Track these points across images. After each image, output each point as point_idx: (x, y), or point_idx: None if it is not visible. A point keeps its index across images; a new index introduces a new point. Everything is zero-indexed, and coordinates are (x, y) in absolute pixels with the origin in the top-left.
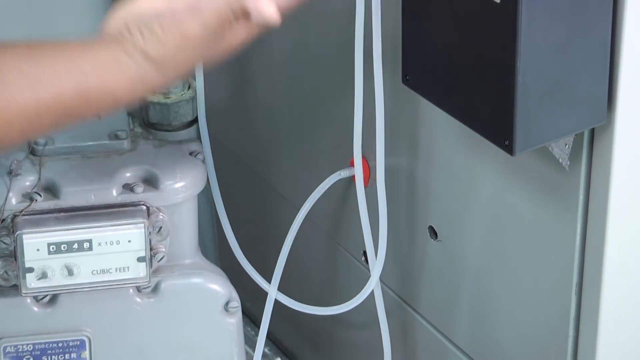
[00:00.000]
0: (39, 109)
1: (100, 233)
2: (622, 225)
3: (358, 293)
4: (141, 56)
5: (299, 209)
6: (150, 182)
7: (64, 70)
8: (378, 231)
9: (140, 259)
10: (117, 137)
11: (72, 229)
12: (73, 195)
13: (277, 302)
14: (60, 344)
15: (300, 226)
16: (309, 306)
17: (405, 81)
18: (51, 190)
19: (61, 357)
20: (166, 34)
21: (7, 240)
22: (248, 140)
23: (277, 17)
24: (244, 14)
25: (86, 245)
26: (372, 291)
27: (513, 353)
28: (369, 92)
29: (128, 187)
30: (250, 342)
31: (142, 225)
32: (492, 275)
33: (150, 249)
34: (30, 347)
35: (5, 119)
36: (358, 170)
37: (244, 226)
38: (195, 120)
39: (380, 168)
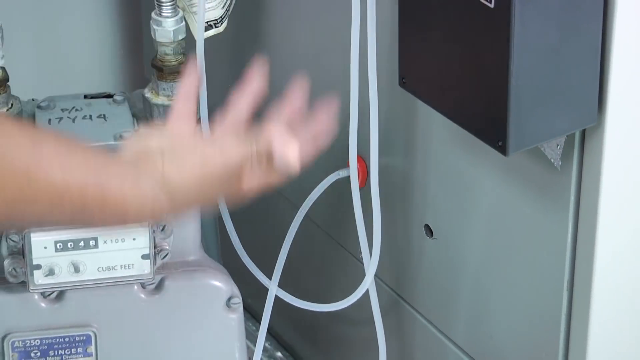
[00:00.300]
0: (63, 191)
1: (106, 231)
2: (612, 224)
3: (356, 289)
4: (159, 180)
5: (298, 208)
6: None
7: (92, 167)
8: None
9: (144, 257)
10: (122, 137)
11: (78, 228)
12: None
13: (277, 299)
14: (66, 339)
15: (300, 224)
16: (308, 302)
17: (402, 84)
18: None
19: (67, 351)
20: (186, 165)
21: (15, 238)
22: None
23: (298, 167)
24: (268, 157)
25: (92, 243)
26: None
27: (507, 347)
28: (366, 93)
29: None
30: (251, 336)
31: (146, 223)
32: (486, 272)
33: (155, 247)
34: (37, 342)
35: (32, 192)
36: (353, 171)
37: (245, 224)
38: (198, 122)
39: (374, 169)
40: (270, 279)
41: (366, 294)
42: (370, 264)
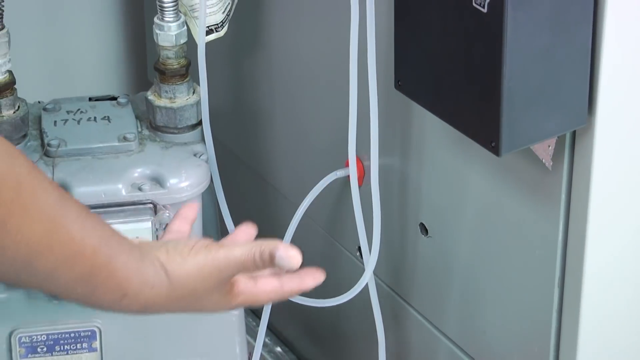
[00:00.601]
0: (78, 249)
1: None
2: (602, 222)
3: (353, 286)
4: (161, 267)
5: (297, 207)
6: (157, 181)
7: (106, 236)
8: (372, 228)
9: None
10: (125, 139)
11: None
12: (84, 194)
13: None
14: (72, 334)
15: (298, 223)
16: (307, 298)
17: (398, 86)
18: (63, 189)
19: (73, 346)
20: (189, 255)
21: None
22: (249, 141)
23: (298, 265)
24: (271, 260)
25: None
26: (367, 284)
27: (499, 342)
28: (364, 95)
29: (136, 186)
30: (251, 332)
31: (149, 222)
32: (479, 269)
33: None
34: (44, 337)
35: (52, 240)
36: (352, 171)
37: (245, 222)
38: (199, 123)
39: (374, 169)
40: None
41: (364, 290)
42: (370, 260)
